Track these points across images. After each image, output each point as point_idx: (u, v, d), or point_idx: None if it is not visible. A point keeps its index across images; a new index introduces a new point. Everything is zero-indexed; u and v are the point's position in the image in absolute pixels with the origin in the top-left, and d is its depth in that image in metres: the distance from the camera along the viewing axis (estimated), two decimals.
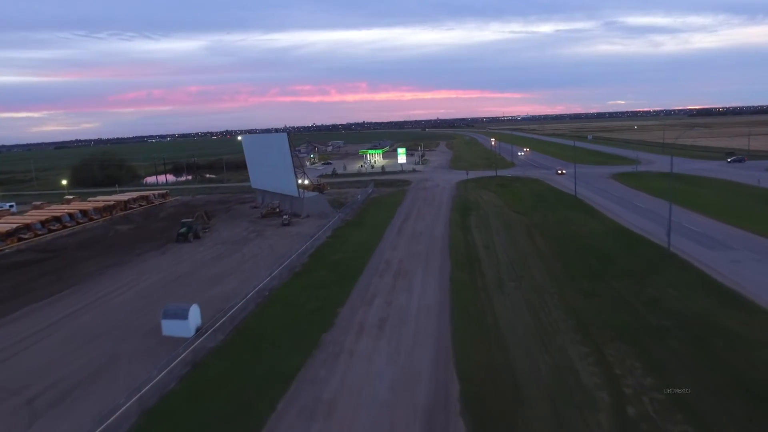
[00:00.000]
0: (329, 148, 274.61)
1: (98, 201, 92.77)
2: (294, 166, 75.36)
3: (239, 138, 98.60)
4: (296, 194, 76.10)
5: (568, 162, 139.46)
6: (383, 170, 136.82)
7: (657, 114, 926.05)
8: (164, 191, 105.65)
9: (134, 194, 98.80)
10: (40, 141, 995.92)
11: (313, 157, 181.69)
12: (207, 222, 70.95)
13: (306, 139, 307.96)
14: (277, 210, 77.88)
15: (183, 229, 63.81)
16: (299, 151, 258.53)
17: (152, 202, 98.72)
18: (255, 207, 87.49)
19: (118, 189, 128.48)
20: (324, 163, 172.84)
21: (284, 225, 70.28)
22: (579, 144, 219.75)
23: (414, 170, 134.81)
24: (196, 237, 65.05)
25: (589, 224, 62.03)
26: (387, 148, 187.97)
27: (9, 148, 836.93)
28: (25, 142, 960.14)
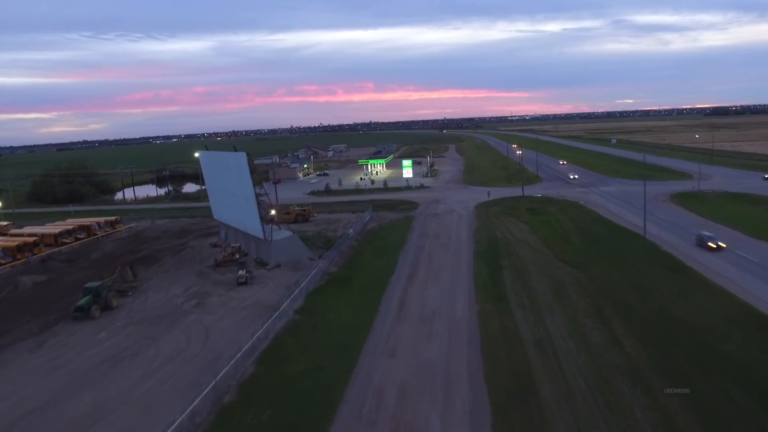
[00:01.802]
0: (330, 153, 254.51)
1: (21, 235, 72.88)
2: (257, 198, 55.02)
3: (196, 155, 78.30)
4: (261, 236, 55.73)
5: (608, 176, 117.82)
6: (385, 185, 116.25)
7: (670, 113, 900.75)
8: (114, 218, 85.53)
9: (70, 224, 78.62)
10: (48, 142, 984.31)
11: (307, 167, 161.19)
12: (132, 279, 50.77)
13: (305, 143, 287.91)
14: (237, 256, 57.60)
15: (83, 301, 43.44)
16: (297, 156, 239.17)
17: (94, 234, 78.63)
18: (215, 245, 67.15)
19: (72, 211, 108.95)
20: (319, 174, 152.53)
21: (240, 284, 49.96)
22: (605, 150, 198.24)
23: (422, 186, 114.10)
24: (107, 308, 44.82)
25: (690, 296, 41.07)
26: (391, 157, 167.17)
27: (13, 150, 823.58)
28: (33, 143, 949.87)
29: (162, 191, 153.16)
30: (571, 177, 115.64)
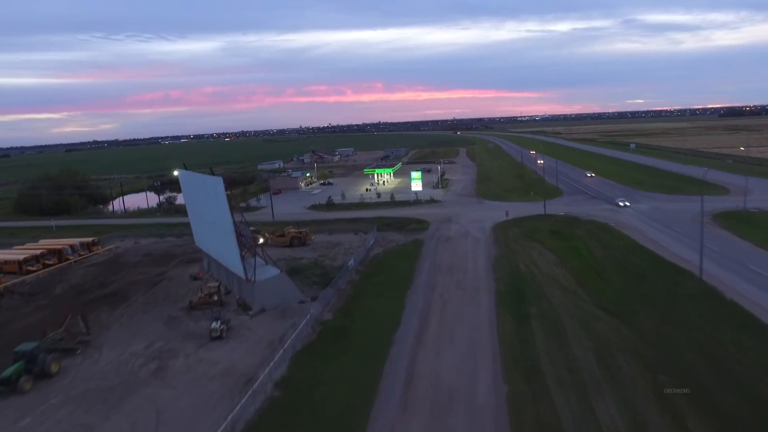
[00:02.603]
0: (336, 158, 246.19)
1: None
2: (237, 229, 46.42)
3: (175, 173, 70.12)
4: (242, 275, 47.05)
5: (633, 188, 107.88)
6: (392, 199, 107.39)
7: (681, 113, 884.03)
8: (90, 239, 77.27)
9: (39, 248, 70.51)
10: (58, 142, 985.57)
11: (310, 176, 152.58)
12: (85, 332, 42.27)
13: (310, 148, 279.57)
14: (216, 297, 48.99)
15: (10, 370, 34.78)
16: (302, 160, 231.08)
17: (67, 259, 70.50)
18: (196, 278, 58.73)
19: (54, 227, 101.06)
20: (323, 183, 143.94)
21: (214, 339, 41.36)
22: (624, 156, 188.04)
23: (432, 200, 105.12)
24: (45, 375, 36.33)
25: None
26: (399, 165, 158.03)
27: (23, 151, 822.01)
28: (44, 144, 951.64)
29: (157, 199, 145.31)
30: (621, 204, 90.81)
